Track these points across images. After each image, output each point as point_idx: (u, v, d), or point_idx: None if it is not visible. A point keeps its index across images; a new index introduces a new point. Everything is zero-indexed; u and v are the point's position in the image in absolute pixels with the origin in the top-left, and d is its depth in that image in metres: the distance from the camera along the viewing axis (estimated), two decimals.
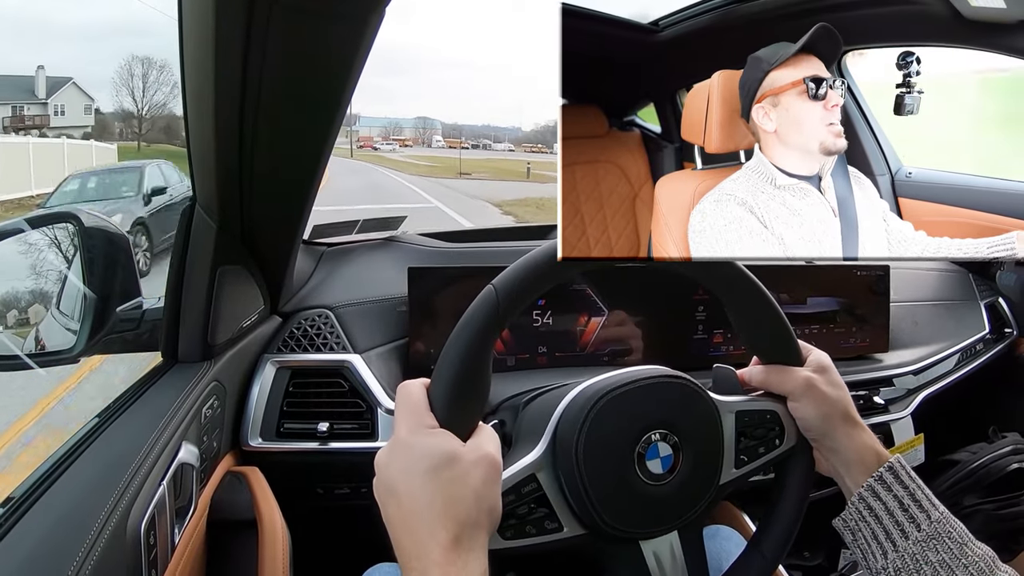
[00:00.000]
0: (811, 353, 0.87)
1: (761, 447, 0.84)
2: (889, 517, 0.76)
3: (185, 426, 1.00)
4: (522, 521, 0.74)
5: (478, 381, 0.69)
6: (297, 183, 1.04)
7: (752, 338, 0.86)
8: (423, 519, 0.61)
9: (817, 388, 0.81)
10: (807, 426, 0.83)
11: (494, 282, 0.70)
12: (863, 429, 0.82)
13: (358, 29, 0.73)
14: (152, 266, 8.20)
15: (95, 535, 0.76)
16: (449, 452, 0.64)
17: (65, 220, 1.09)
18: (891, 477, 0.77)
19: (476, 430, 0.69)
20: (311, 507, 1.39)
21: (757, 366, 0.87)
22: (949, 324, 1.89)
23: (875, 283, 1.71)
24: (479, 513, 0.63)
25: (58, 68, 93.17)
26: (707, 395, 0.81)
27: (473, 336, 0.69)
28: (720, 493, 0.82)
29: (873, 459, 0.79)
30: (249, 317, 1.25)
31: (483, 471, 0.64)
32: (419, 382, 0.70)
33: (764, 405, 0.84)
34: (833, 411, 0.81)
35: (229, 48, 0.74)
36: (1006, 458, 1.85)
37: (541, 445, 0.77)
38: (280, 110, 0.86)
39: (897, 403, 1.63)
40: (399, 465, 0.64)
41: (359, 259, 1.65)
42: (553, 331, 1.44)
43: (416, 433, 0.65)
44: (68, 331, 1.10)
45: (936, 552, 0.73)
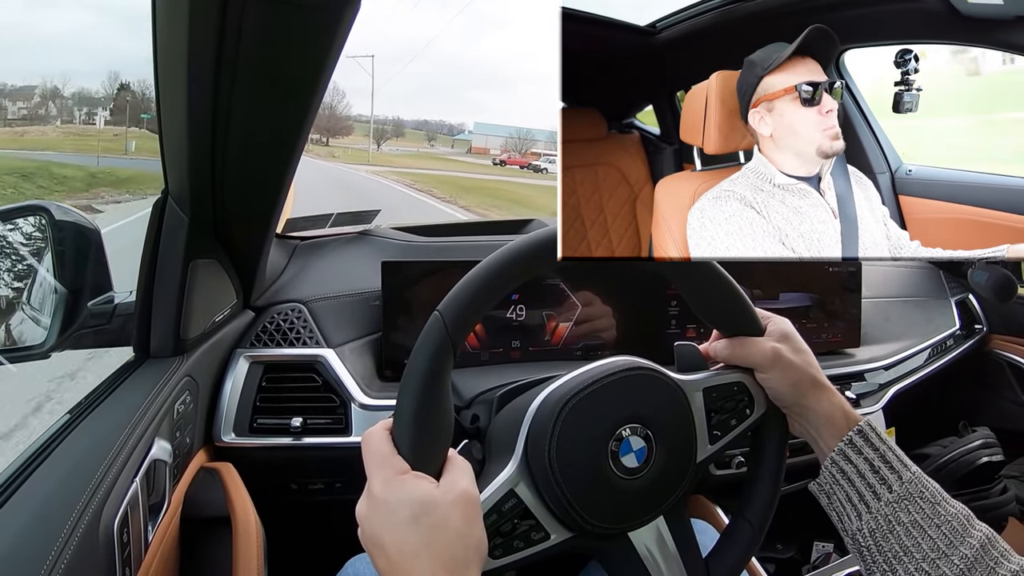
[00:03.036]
0: (770, 321, 0.87)
1: (733, 419, 0.84)
2: (861, 479, 0.77)
3: (157, 422, 1.00)
4: (508, 538, 0.74)
5: (440, 413, 0.69)
6: (270, 175, 1.03)
7: (710, 312, 0.86)
8: (413, 569, 0.61)
9: (784, 357, 0.82)
10: (777, 395, 0.83)
11: (439, 307, 0.70)
12: (831, 391, 0.83)
13: (333, 20, 0.73)
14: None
15: (67, 534, 0.75)
16: (426, 499, 0.64)
17: (36, 212, 1.08)
18: (860, 440, 0.78)
19: (448, 463, 0.69)
20: (285, 503, 1.39)
21: (720, 340, 0.87)
22: (920, 320, 1.91)
23: (847, 279, 1.72)
24: (466, 552, 0.64)
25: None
26: (672, 379, 0.81)
27: (426, 367, 0.69)
28: (699, 470, 0.82)
29: (843, 421, 0.80)
30: (222, 311, 1.24)
31: (462, 511, 0.65)
32: (381, 426, 0.70)
33: (730, 378, 0.85)
34: (802, 377, 0.82)
35: (202, 37, 0.73)
36: (976, 452, 1.88)
37: (515, 459, 0.77)
38: (253, 101, 0.85)
39: (868, 398, 1.65)
40: (380, 519, 0.64)
41: (333, 253, 1.64)
42: (526, 325, 1.45)
43: (390, 484, 0.65)
44: (39, 326, 1.09)
45: (908, 512, 0.73)
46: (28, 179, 20.39)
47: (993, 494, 1.86)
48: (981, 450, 1.88)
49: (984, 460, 1.87)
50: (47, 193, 18.86)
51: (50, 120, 65.86)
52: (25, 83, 72.58)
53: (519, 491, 0.75)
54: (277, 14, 0.72)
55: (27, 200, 1.15)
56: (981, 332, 2.04)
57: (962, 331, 1.97)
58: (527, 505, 0.75)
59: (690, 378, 0.83)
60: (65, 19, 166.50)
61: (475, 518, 0.66)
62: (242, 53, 0.76)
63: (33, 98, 73.16)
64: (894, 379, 1.72)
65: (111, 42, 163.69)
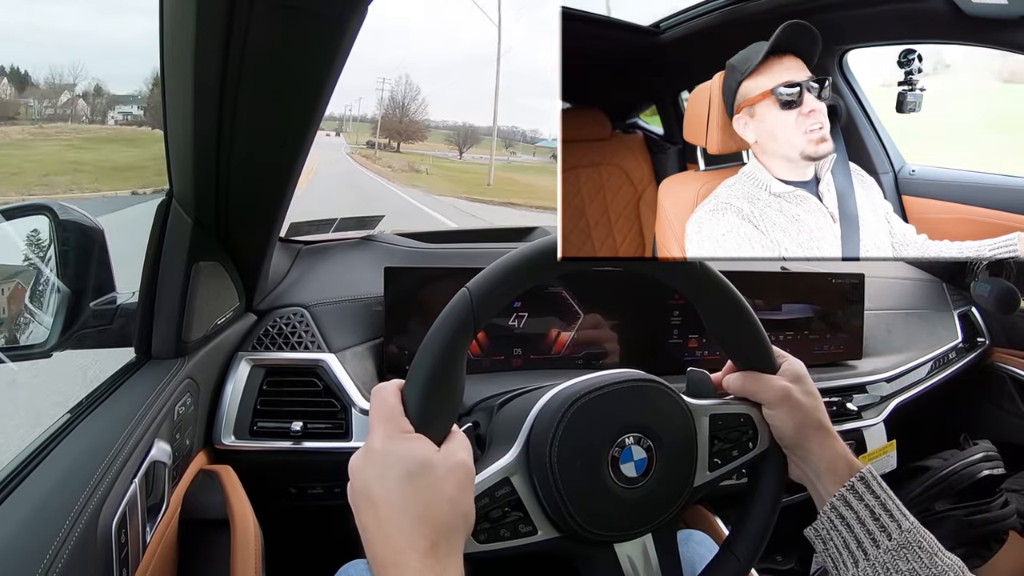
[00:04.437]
0: (785, 360, 0.87)
1: (735, 450, 0.84)
2: (860, 526, 0.76)
3: (158, 424, 1.00)
4: (496, 524, 0.74)
5: (452, 385, 0.69)
6: (275, 179, 1.03)
7: (728, 343, 0.86)
8: (400, 526, 0.61)
9: (793, 397, 0.82)
10: (781, 434, 0.83)
11: (468, 285, 0.70)
12: (835, 438, 0.82)
13: (338, 27, 0.73)
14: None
15: (65, 533, 0.75)
16: (424, 459, 0.64)
17: (40, 212, 1.08)
18: (862, 487, 0.78)
19: (450, 435, 0.69)
20: (284, 506, 1.38)
21: (733, 373, 0.87)
22: (922, 333, 1.91)
23: (850, 291, 1.72)
24: (455, 519, 0.63)
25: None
26: (681, 399, 0.81)
27: (447, 339, 0.69)
28: (693, 496, 0.83)
29: (845, 468, 0.80)
30: (224, 314, 1.24)
31: (457, 478, 0.65)
32: (393, 385, 0.70)
33: (738, 409, 0.85)
34: (808, 420, 0.82)
35: (209, 41, 0.73)
36: (977, 465, 1.88)
37: (515, 448, 0.77)
38: (259, 105, 0.85)
39: (870, 410, 1.64)
40: (374, 471, 0.64)
41: (336, 258, 1.65)
42: (528, 333, 1.45)
43: (391, 439, 0.65)
44: (40, 325, 1.09)
45: (906, 561, 0.73)
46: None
47: (994, 507, 1.85)
48: (982, 463, 1.89)
49: (985, 473, 1.87)
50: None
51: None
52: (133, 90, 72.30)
53: (514, 480, 0.75)
54: (283, 21, 0.72)
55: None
56: (983, 345, 2.04)
57: (965, 344, 1.97)
58: (520, 496, 0.75)
59: (699, 402, 0.84)
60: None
61: (468, 489, 0.66)
62: (247, 59, 0.76)
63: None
64: (896, 391, 1.72)
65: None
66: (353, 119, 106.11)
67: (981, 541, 1.84)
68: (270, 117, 0.89)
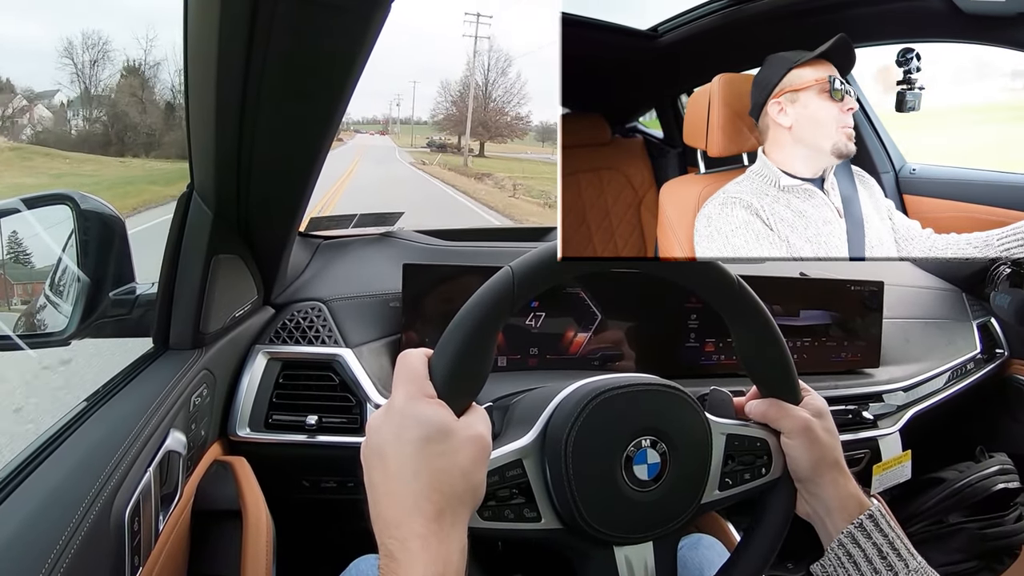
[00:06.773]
0: (809, 394, 0.87)
1: (747, 473, 0.84)
2: (868, 564, 0.76)
3: (173, 413, 1.00)
4: (502, 504, 0.74)
5: (481, 359, 0.69)
6: (296, 174, 1.04)
7: (755, 368, 0.85)
8: (409, 488, 0.61)
9: (813, 432, 0.81)
10: (796, 467, 0.83)
11: (511, 264, 0.70)
12: (849, 478, 0.82)
13: (363, 22, 0.73)
14: None
15: (78, 520, 0.76)
16: (442, 425, 0.63)
17: (62, 201, 1.08)
18: (871, 524, 0.77)
19: (471, 408, 0.69)
20: (297, 499, 1.39)
21: (757, 399, 0.87)
22: (941, 342, 1.90)
23: (868, 298, 1.71)
24: (464, 489, 0.63)
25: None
26: (702, 412, 0.81)
27: (484, 313, 0.68)
28: (699, 512, 0.82)
29: (855, 506, 0.80)
30: (242, 307, 1.25)
31: (473, 449, 0.64)
32: (421, 351, 0.70)
33: (756, 433, 0.85)
34: (824, 457, 0.81)
35: (233, 35, 0.74)
36: (992, 478, 1.86)
37: (532, 432, 0.77)
38: (282, 100, 0.85)
39: (886, 419, 1.63)
40: (391, 430, 0.63)
41: (354, 253, 1.65)
42: (545, 333, 1.45)
43: (413, 400, 0.65)
44: (60, 313, 1.09)
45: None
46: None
47: (1008, 521, 1.84)
48: (998, 476, 1.87)
49: (1000, 486, 1.85)
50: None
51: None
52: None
53: (526, 464, 0.76)
54: (308, 15, 0.72)
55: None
56: (1002, 357, 2.02)
57: (983, 355, 1.95)
58: (529, 479, 0.76)
59: (718, 420, 0.84)
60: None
61: (482, 461, 0.66)
62: (271, 53, 0.76)
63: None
64: (912, 401, 1.70)
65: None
66: (401, 121, 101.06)
67: (994, 555, 1.83)
68: (293, 112, 0.89)
